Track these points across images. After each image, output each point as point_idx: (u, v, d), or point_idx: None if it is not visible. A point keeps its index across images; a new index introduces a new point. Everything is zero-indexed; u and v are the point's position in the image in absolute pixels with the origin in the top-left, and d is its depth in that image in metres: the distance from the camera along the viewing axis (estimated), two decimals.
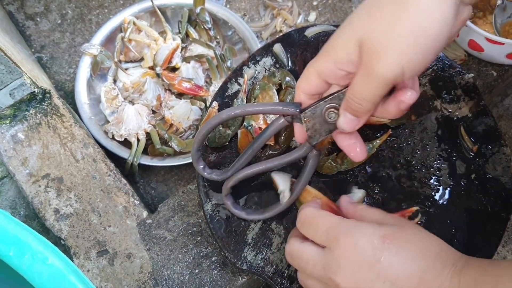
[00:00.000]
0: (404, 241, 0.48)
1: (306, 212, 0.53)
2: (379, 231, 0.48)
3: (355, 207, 0.57)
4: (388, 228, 0.49)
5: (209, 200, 0.67)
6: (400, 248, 0.47)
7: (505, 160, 0.69)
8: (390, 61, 0.44)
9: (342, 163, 0.67)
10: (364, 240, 0.48)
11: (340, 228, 0.49)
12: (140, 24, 0.99)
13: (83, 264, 0.75)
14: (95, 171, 0.81)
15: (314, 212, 0.53)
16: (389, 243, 0.47)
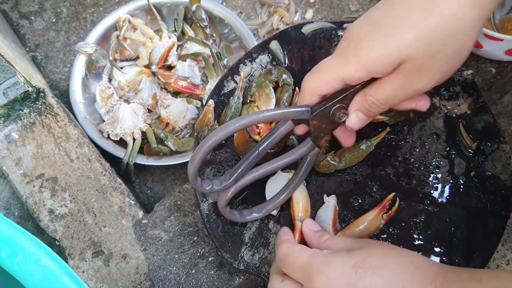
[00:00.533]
0: (376, 265, 0.47)
1: (281, 250, 0.53)
2: (350, 260, 0.47)
3: (319, 238, 0.56)
4: (358, 254, 0.48)
5: (206, 200, 0.66)
6: (374, 275, 0.46)
7: (505, 158, 0.68)
8: (431, 80, 0.48)
9: (340, 161, 0.66)
10: (337, 274, 0.47)
11: (312, 266, 0.48)
12: (135, 22, 0.98)
13: (78, 265, 0.74)
14: (90, 171, 0.80)
15: (288, 250, 0.52)
16: (361, 272, 0.46)
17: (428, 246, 0.63)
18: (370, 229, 0.62)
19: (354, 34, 0.49)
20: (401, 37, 0.45)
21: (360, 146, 0.66)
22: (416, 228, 0.64)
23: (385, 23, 0.47)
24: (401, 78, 0.47)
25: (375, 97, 0.50)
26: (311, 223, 0.59)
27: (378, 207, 0.63)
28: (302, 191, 0.64)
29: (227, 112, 0.70)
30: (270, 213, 0.64)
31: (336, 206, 0.64)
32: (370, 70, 0.48)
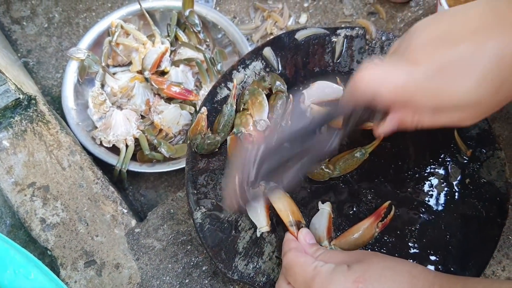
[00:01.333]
0: (375, 279, 0.47)
1: (287, 259, 0.54)
2: (350, 276, 0.48)
3: (314, 253, 0.55)
4: (357, 269, 0.48)
5: (199, 208, 0.65)
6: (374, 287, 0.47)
7: (500, 164, 0.68)
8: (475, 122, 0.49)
9: (334, 169, 0.65)
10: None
11: (315, 281, 0.49)
12: (127, 27, 0.97)
13: (70, 275, 0.73)
14: (82, 179, 0.79)
15: (294, 260, 0.53)
16: (362, 287, 0.47)
17: (424, 254, 0.63)
18: (365, 237, 0.62)
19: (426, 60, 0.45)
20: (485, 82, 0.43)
21: (354, 154, 0.66)
22: (411, 236, 0.64)
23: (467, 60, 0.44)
24: (461, 116, 0.47)
25: (426, 122, 0.49)
26: (307, 234, 0.59)
27: (374, 215, 0.62)
28: (281, 196, 0.63)
29: (220, 120, 0.69)
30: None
31: (330, 213, 0.64)
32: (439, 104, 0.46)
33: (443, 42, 0.45)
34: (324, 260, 0.52)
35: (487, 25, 0.43)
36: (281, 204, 0.62)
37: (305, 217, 0.64)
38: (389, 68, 0.47)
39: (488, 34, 0.43)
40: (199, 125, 0.70)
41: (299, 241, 0.58)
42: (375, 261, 0.50)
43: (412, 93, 0.46)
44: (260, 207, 0.63)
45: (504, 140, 0.91)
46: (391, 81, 0.46)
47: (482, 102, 0.44)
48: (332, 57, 0.74)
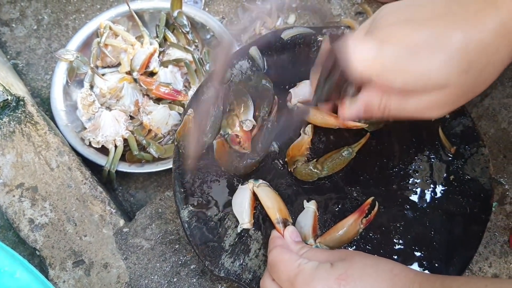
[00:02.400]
0: (357, 276, 0.48)
1: (272, 256, 0.54)
2: (333, 273, 0.49)
3: (300, 249, 0.56)
4: (339, 266, 0.49)
5: (186, 207, 0.65)
6: (356, 286, 0.47)
7: (484, 161, 0.69)
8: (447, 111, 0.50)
9: (322, 169, 0.66)
10: (321, 286, 0.48)
11: (298, 279, 0.49)
12: (116, 28, 0.97)
13: (58, 275, 0.74)
14: (70, 180, 0.79)
15: (278, 258, 0.53)
16: (344, 284, 0.47)
17: (408, 250, 0.63)
18: (349, 234, 0.62)
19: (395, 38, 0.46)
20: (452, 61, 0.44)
21: (341, 153, 0.66)
22: (396, 233, 0.64)
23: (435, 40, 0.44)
24: (428, 100, 0.47)
25: (393, 105, 0.49)
26: (293, 232, 0.60)
27: (357, 212, 0.63)
28: (269, 193, 0.64)
29: (207, 121, 0.69)
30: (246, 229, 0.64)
31: (316, 211, 0.64)
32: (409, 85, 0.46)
33: (411, 25, 0.45)
34: (308, 257, 0.52)
35: (452, 12, 0.44)
36: (269, 201, 0.63)
37: (291, 215, 0.65)
38: (361, 42, 0.48)
39: (453, 21, 0.44)
40: (186, 126, 0.70)
41: (285, 238, 0.59)
42: (357, 259, 0.50)
43: (380, 69, 0.46)
44: (246, 203, 0.63)
45: (490, 138, 0.92)
46: (362, 54, 0.47)
47: (450, 83, 0.45)
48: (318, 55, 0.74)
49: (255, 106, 0.71)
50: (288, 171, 0.68)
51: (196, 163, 0.64)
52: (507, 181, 0.89)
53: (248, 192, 0.63)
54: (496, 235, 0.87)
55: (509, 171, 0.89)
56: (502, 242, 0.86)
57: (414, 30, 0.45)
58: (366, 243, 0.64)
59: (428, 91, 0.46)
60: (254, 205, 0.64)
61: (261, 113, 0.70)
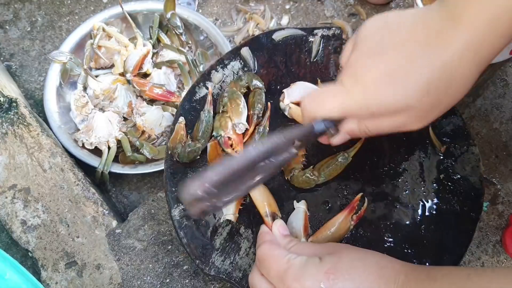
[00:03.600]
0: (346, 270, 0.49)
1: (260, 252, 0.54)
2: (322, 267, 0.49)
3: (287, 244, 0.57)
4: (328, 260, 0.50)
5: (177, 206, 0.66)
6: (344, 279, 0.48)
7: (474, 160, 0.69)
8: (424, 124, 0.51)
9: (319, 176, 0.66)
10: (311, 281, 0.48)
11: (288, 274, 0.50)
12: (109, 30, 0.98)
13: (51, 276, 0.74)
14: (63, 181, 0.79)
15: (267, 252, 0.54)
16: (333, 278, 0.48)
17: (398, 248, 0.64)
18: (341, 231, 0.63)
19: (362, 73, 0.49)
20: (413, 87, 0.47)
21: (338, 159, 0.66)
22: (386, 231, 0.65)
23: (396, 70, 0.47)
24: (401, 119, 0.50)
25: (370, 127, 0.52)
26: (282, 226, 0.60)
27: (347, 209, 0.63)
28: (258, 189, 0.64)
29: (199, 127, 0.69)
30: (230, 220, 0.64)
31: (306, 211, 0.64)
32: (375, 113, 0.50)
33: (378, 52, 0.49)
34: (296, 252, 0.53)
35: (415, 38, 0.47)
36: (259, 195, 0.63)
37: (283, 214, 0.65)
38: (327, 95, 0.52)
39: (415, 47, 0.47)
40: (178, 134, 0.70)
41: (273, 232, 0.59)
42: (345, 253, 0.51)
43: (348, 110, 0.51)
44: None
45: (482, 138, 0.92)
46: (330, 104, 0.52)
47: (411, 106, 0.48)
48: (309, 56, 0.75)
49: (248, 105, 0.71)
50: (285, 179, 0.68)
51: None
52: (499, 181, 0.90)
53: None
54: (488, 234, 0.87)
55: (501, 171, 0.90)
56: (494, 242, 0.87)
57: (378, 59, 0.48)
58: (356, 240, 0.64)
59: (394, 114, 0.49)
60: (242, 200, 0.65)
61: (255, 110, 0.70)
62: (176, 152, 0.68)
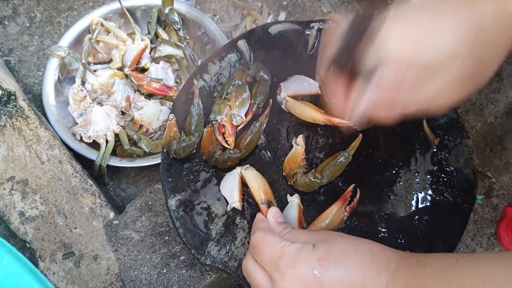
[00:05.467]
0: (339, 257, 0.49)
1: (255, 238, 0.55)
2: (315, 254, 0.50)
3: (281, 231, 0.57)
4: (321, 248, 0.50)
5: (174, 196, 0.66)
6: (337, 266, 0.49)
7: (468, 152, 0.70)
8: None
9: (322, 178, 0.66)
10: (304, 267, 0.49)
11: (281, 260, 0.50)
12: (108, 25, 0.98)
13: (48, 267, 0.74)
14: (60, 173, 0.80)
15: (261, 239, 0.54)
16: (326, 264, 0.49)
17: (392, 239, 0.64)
18: (335, 223, 0.63)
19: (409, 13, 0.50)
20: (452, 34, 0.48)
21: (339, 159, 0.67)
22: (380, 221, 0.65)
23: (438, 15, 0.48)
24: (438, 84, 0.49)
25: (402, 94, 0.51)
26: (277, 213, 0.60)
27: (340, 200, 0.64)
28: (256, 176, 0.65)
29: (191, 121, 0.69)
30: (236, 208, 0.65)
31: (300, 204, 0.65)
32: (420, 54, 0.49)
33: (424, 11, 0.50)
34: (290, 239, 0.53)
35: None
36: (256, 183, 0.64)
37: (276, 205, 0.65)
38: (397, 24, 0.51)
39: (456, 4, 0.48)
40: (171, 131, 0.70)
41: (268, 219, 0.59)
42: (338, 240, 0.52)
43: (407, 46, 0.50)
44: (236, 184, 0.65)
45: (477, 132, 0.93)
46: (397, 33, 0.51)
47: (460, 52, 0.47)
48: (305, 49, 0.76)
49: (251, 93, 0.72)
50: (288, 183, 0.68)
51: None
52: (494, 174, 0.90)
53: (236, 175, 0.65)
54: (483, 227, 0.88)
55: (495, 164, 0.91)
56: (489, 235, 0.88)
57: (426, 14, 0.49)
58: (350, 231, 0.65)
59: (441, 68, 0.48)
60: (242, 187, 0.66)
61: (256, 100, 0.71)
62: (172, 149, 0.68)
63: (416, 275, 0.46)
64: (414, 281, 0.46)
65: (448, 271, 0.44)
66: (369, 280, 0.48)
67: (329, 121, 0.69)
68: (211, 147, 0.68)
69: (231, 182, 0.65)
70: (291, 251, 0.51)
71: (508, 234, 0.85)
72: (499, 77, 0.95)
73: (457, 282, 0.43)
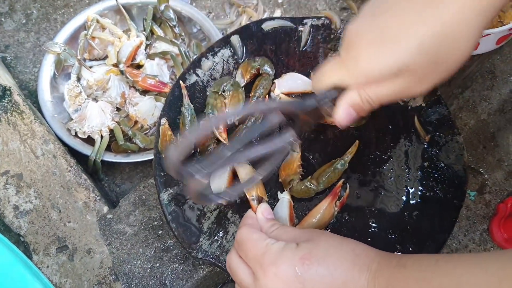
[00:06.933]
0: (321, 256, 0.50)
1: (240, 234, 0.55)
2: (298, 253, 0.50)
3: (269, 228, 0.57)
4: (304, 247, 0.51)
5: (166, 190, 0.67)
6: (319, 265, 0.49)
7: (458, 148, 0.70)
8: (429, 85, 0.49)
9: (318, 184, 0.66)
10: (286, 265, 0.49)
11: (265, 257, 0.51)
12: (103, 21, 0.99)
13: (42, 260, 0.75)
14: (55, 167, 0.80)
15: (247, 236, 0.54)
16: (308, 263, 0.49)
17: (383, 234, 0.65)
18: (326, 218, 0.64)
19: (354, 41, 0.49)
20: (404, 48, 0.46)
21: (335, 166, 0.67)
22: (371, 217, 0.66)
23: (387, 32, 0.47)
24: (401, 83, 0.49)
25: (371, 95, 0.51)
26: (266, 210, 0.61)
27: (330, 196, 0.64)
28: (248, 172, 0.65)
29: (184, 122, 0.70)
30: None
31: (290, 201, 0.65)
32: (370, 78, 0.49)
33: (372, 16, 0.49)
34: (276, 236, 0.54)
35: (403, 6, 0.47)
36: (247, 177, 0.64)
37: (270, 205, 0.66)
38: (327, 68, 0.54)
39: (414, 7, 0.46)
40: (166, 136, 0.70)
41: (257, 215, 0.60)
42: (322, 239, 0.52)
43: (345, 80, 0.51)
44: (225, 175, 0.64)
45: (470, 129, 0.94)
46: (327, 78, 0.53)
47: (407, 66, 0.47)
48: (298, 45, 0.76)
49: (252, 86, 0.72)
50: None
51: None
52: (487, 170, 0.91)
53: (228, 168, 0.65)
54: (476, 223, 0.89)
55: (488, 161, 0.91)
56: (481, 231, 0.88)
57: (371, 27, 0.48)
58: (341, 226, 0.65)
59: (392, 79, 0.48)
60: (232, 178, 0.66)
61: (256, 93, 0.71)
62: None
63: (397, 275, 0.47)
64: (395, 281, 0.46)
65: (427, 272, 0.45)
66: (350, 280, 0.48)
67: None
68: (205, 141, 0.68)
69: (221, 173, 0.65)
70: (275, 249, 0.51)
71: (500, 230, 0.86)
72: (492, 74, 0.96)
73: (436, 283, 0.43)
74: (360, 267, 0.49)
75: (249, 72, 0.73)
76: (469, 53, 0.48)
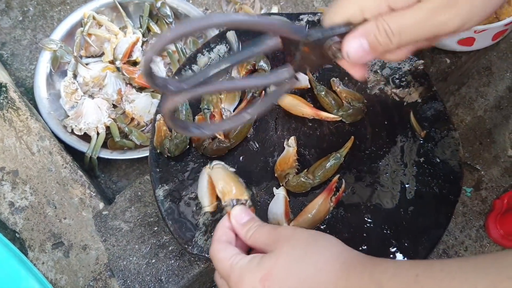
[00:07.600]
0: (282, 277, 0.47)
1: (211, 252, 0.53)
2: (258, 273, 0.48)
3: (245, 234, 0.54)
4: (265, 265, 0.48)
5: (161, 186, 0.67)
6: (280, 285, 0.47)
7: (454, 144, 0.70)
8: (456, 16, 0.41)
9: (314, 178, 0.66)
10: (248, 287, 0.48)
11: (230, 279, 0.50)
12: (100, 18, 0.99)
13: (38, 256, 0.75)
14: (51, 164, 0.80)
15: (213, 255, 0.52)
16: (268, 285, 0.47)
17: (378, 229, 0.65)
18: (321, 214, 0.64)
19: None
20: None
21: (331, 160, 0.67)
22: (367, 212, 0.66)
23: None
24: (425, 9, 0.41)
25: (391, 25, 0.43)
26: (239, 214, 0.55)
27: (326, 191, 0.64)
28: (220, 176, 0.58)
29: (180, 117, 0.70)
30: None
31: (286, 197, 0.65)
32: (392, 1, 0.42)
33: None
34: (253, 243, 0.52)
35: None
36: (220, 184, 0.58)
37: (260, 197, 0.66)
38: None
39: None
40: (161, 131, 0.70)
41: (232, 224, 0.55)
42: (284, 251, 0.49)
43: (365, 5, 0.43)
44: (205, 187, 0.60)
45: (466, 125, 0.94)
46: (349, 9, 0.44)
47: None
48: None
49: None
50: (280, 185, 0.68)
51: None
52: (483, 167, 0.91)
53: (205, 176, 0.60)
54: (472, 219, 0.89)
55: (484, 157, 0.91)
56: (477, 227, 0.88)
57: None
58: (337, 221, 0.65)
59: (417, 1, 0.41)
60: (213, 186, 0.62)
61: (252, 89, 0.71)
62: (166, 148, 0.68)
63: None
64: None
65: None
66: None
67: (317, 115, 0.70)
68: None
69: (201, 184, 0.61)
70: (237, 269, 0.49)
71: (496, 227, 0.86)
72: (488, 71, 0.96)
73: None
74: (323, 286, 0.46)
75: (245, 68, 0.73)
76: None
